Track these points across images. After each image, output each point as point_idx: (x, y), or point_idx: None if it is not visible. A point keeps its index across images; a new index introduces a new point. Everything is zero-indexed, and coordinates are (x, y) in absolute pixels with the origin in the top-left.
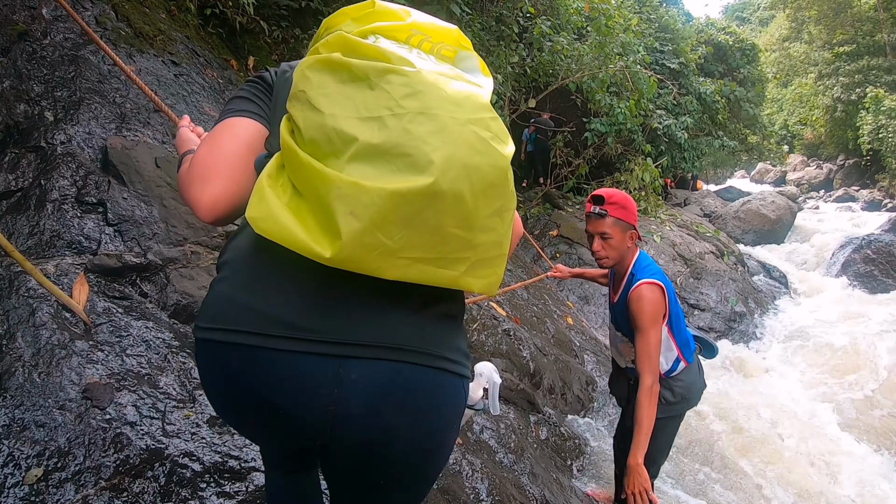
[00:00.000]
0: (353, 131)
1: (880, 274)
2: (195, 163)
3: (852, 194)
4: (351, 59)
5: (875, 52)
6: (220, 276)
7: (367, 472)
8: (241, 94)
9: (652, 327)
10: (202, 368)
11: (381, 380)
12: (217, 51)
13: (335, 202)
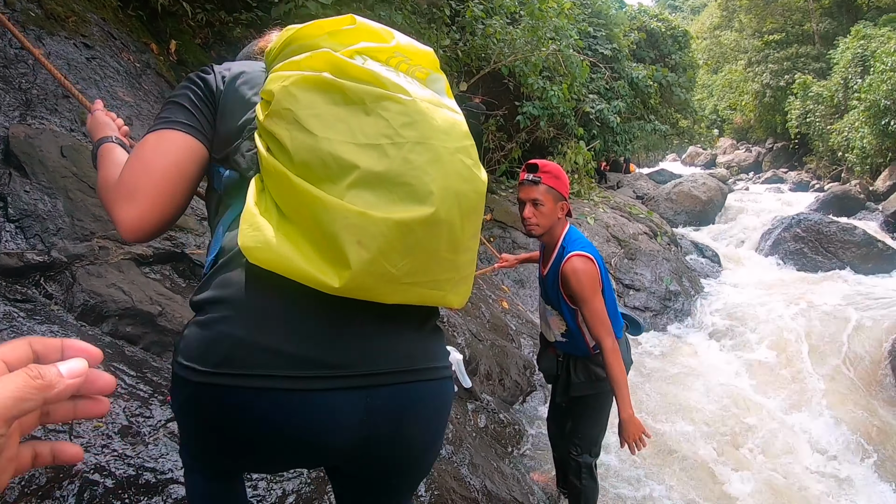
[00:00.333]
0: (352, 158)
1: (810, 251)
2: (122, 179)
3: (781, 176)
4: (344, 82)
5: (804, 41)
6: (215, 315)
7: (383, 475)
8: (177, 99)
9: (595, 295)
10: (198, 412)
11: (402, 400)
12: (136, 33)
13: (342, 232)
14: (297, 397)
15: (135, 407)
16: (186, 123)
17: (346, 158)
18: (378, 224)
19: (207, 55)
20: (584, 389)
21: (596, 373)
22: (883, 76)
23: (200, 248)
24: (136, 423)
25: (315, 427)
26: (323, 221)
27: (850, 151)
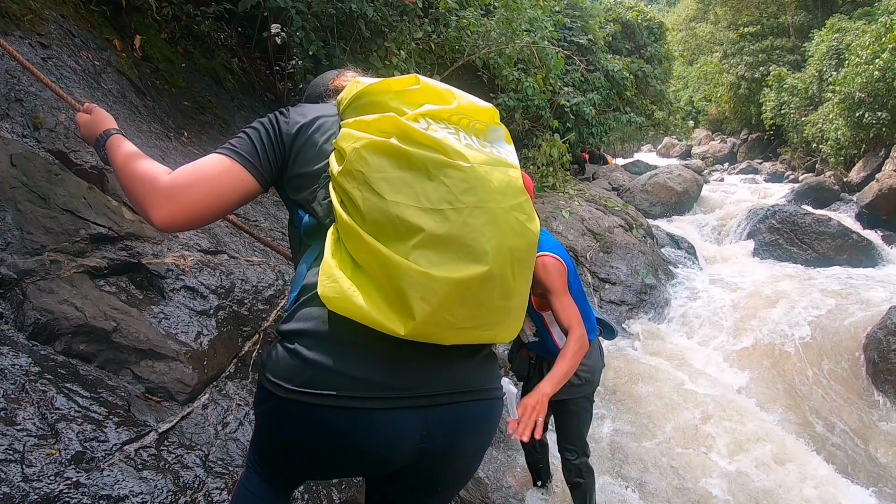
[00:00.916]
0: (417, 221)
1: (785, 242)
2: (176, 177)
3: (755, 167)
4: (410, 149)
5: (779, 33)
6: (300, 343)
7: (431, 482)
8: (250, 133)
9: (564, 290)
10: (280, 422)
11: (456, 417)
12: (99, 30)
13: (408, 289)
14: (367, 415)
15: (89, 430)
16: (247, 158)
17: (412, 222)
18: (439, 283)
19: (174, 51)
20: (563, 394)
21: (570, 380)
22: (858, 69)
23: (158, 257)
24: (90, 449)
25: (380, 440)
26: (391, 277)
27: (825, 143)
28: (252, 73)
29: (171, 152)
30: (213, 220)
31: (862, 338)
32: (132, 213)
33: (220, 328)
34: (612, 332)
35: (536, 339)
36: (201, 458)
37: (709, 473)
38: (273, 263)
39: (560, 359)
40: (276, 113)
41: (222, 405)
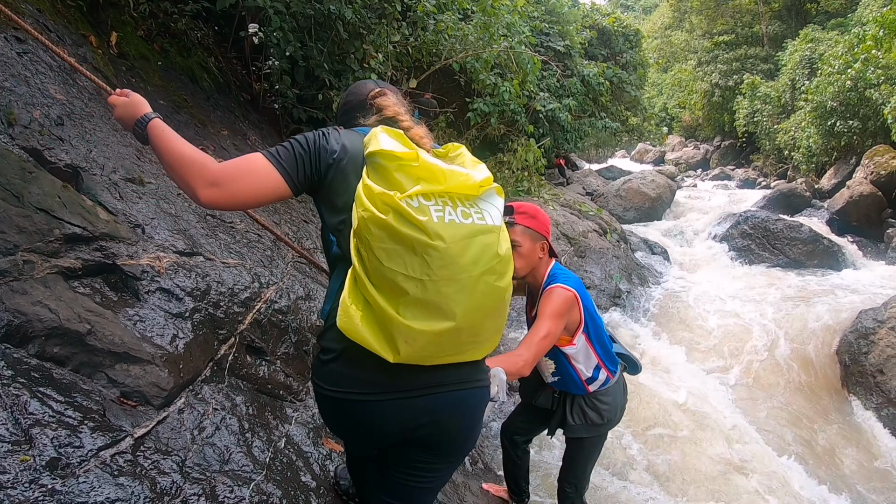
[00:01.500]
0: (404, 286)
1: (757, 248)
2: (225, 168)
3: (728, 173)
4: (401, 229)
5: (753, 42)
6: (330, 356)
7: (436, 448)
8: (294, 145)
9: (550, 319)
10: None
11: (442, 404)
12: (74, 25)
13: (396, 334)
14: (369, 404)
15: (63, 436)
16: (286, 169)
17: (400, 286)
18: (418, 333)
19: (150, 48)
20: (580, 432)
21: (591, 417)
22: (830, 78)
23: (133, 258)
24: (65, 455)
25: (378, 420)
26: (385, 323)
27: (797, 150)
28: (228, 73)
29: (147, 152)
30: (247, 209)
31: (833, 341)
32: (107, 213)
33: (196, 331)
34: (636, 367)
35: (557, 377)
36: (178, 463)
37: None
38: (249, 266)
39: (491, 359)
40: (320, 134)
41: (198, 409)
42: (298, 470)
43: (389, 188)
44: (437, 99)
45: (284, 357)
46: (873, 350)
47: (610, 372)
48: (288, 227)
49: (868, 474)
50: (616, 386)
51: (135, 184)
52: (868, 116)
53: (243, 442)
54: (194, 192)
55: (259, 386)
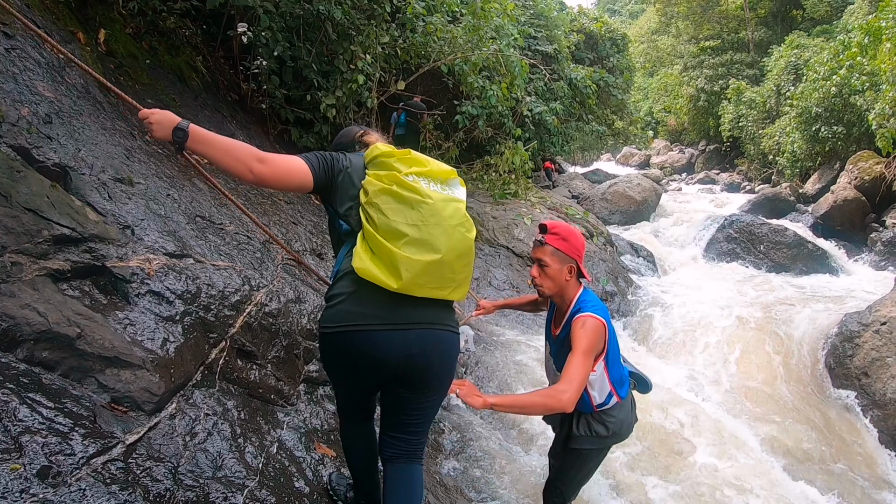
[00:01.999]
0: (405, 231)
1: (742, 251)
2: (269, 154)
3: (713, 177)
4: (402, 192)
5: (739, 48)
6: (338, 300)
7: (420, 383)
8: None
9: (588, 353)
10: (334, 349)
11: (425, 338)
12: (63, 21)
13: (399, 265)
14: (373, 334)
15: (54, 443)
16: (313, 165)
17: (402, 231)
18: (415, 263)
19: (138, 46)
20: (583, 443)
21: (596, 430)
22: (815, 84)
23: (122, 259)
24: (56, 463)
25: (380, 348)
26: (391, 258)
27: (781, 155)
28: (216, 73)
29: (136, 151)
30: (282, 188)
31: (818, 344)
32: (96, 214)
33: (187, 335)
34: (647, 385)
35: None
36: (171, 470)
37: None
38: (239, 268)
39: (533, 393)
40: (337, 153)
41: (190, 415)
42: (291, 475)
43: (387, 171)
44: (426, 101)
45: (275, 361)
46: (858, 353)
47: (619, 396)
48: (277, 228)
49: (853, 475)
50: (623, 405)
51: (124, 184)
52: (852, 122)
53: (236, 447)
54: (247, 168)
55: (250, 390)
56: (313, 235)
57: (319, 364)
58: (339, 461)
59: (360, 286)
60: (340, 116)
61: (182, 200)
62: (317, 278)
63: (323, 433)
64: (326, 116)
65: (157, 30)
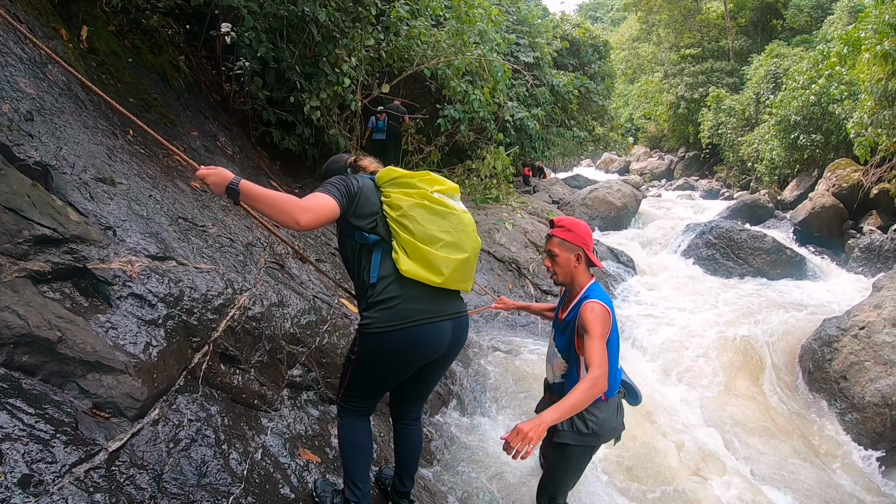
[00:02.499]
0: (440, 236)
1: (721, 257)
2: (308, 200)
3: (692, 184)
4: (433, 206)
5: (719, 56)
6: (392, 302)
7: (449, 361)
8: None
9: (602, 336)
10: (386, 348)
11: (460, 324)
12: (45, 17)
13: (439, 264)
14: (427, 326)
15: (35, 451)
16: (340, 200)
17: (438, 236)
18: (451, 261)
19: (121, 44)
20: (566, 438)
21: (577, 426)
22: (794, 93)
23: (104, 261)
24: (38, 471)
25: (436, 338)
26: (431, 260)
27: (760, 162)
28: (199, 73)
29: (118, 151)
30: (321, 226)
31: (797, 349)
32: (77, 214)
33: (170, 339)
34: (636, 397)
35: (563, 380)
36: (154, 477)
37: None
38: (222, 271)
39: (571, 392)
40: (348, 178)
41: (173, 420)
42: (276, 482)
43: (414, 189)
44: (408, 105)
45: (258, 365)
46: (837, 357)
47: (604, 395)
48: (260, 231)
49: (832, 478)
50: (607, 405)
51: (106, 184)
52: (831, 130)
53: (220, 454)
54: (295, 219)
55: (233, 395)
56: (295, 238)
57: (303, 369)
58: (324, 467)
59: (408, 287)
60: (324, 119)
61: (164, 202)
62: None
63: (307, 438)
64: (309, 118)
65: (139, 28)
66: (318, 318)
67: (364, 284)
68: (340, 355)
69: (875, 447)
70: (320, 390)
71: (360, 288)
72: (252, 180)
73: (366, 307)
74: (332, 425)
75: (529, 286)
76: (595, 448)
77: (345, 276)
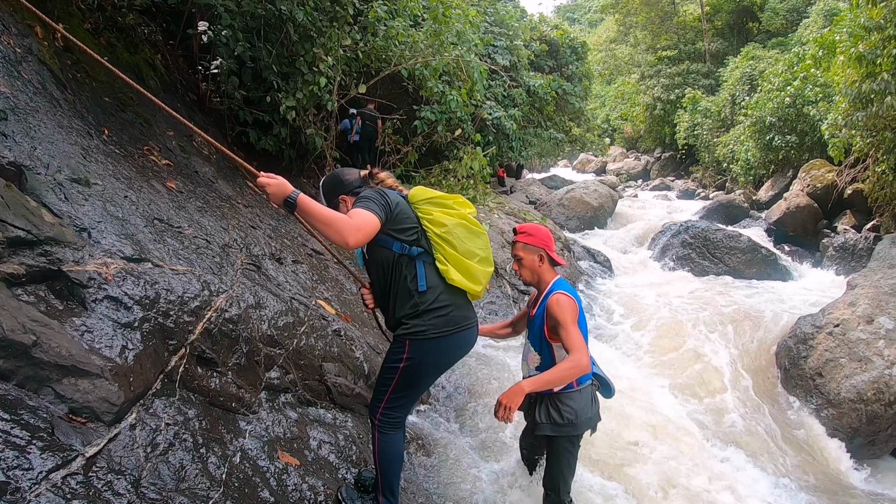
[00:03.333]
0: (477, 252)
1: (697, 257)
2: (356, 220)
3: (668, 184)
4: (471, 226)
5: (695, 58)
6: (444, 309)
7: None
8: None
9: (573, 324)
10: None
11: (475, 330)
12: (20, 14)
13: (479, 275)
14: (467, 331)
15: (11, 458)
16: (381, 216)
17: (475, 252)
18: (486, 273)
19: (97, 42)
20: (546, 430)
21: (553, 416)
22: (769, 94)
23: (79, 263)
24: (14, 478)
25: (471, 341)
26: (471, 272)
27: (735, 163)
28: (175, 72)
29: (93, 151)
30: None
31: (772, 346)
32: (52, 216)
33: (146, 342)
34: (609, 390)
35: (537, 373)
36: (132, 483)
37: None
38: (198, 273)
39: (553, 368)
40: (384, 193)
41: (150, 425)
42: (256, 486)
43: (454, 210)
44: (385, 105)
45: (236, 368)
46: (812, 354)
47: (576, 383)
48: (236, 232)
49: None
50: (580, 394)
51: (80, 184)
52: (805, 132)
53: (198, 458)
54: (345, 239)
55: (211, 398)
56: (272, 240)
57: (281, 371)
58: (303, 470)
59: (456, 296)
60: (300, 119)
61: (140, 202)
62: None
63: (286, 441)
64: (286, 118)
65: (115, 26)
66: (295, 320)
67: (408, 292)
68: (318, 357)
69: (851, 441)
70: (298, 392)
71: (401, 295)
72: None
73: (415, 314)
74: (311, 427)
75: (507, 286)
76: (577, 438)
77: (322, 278)
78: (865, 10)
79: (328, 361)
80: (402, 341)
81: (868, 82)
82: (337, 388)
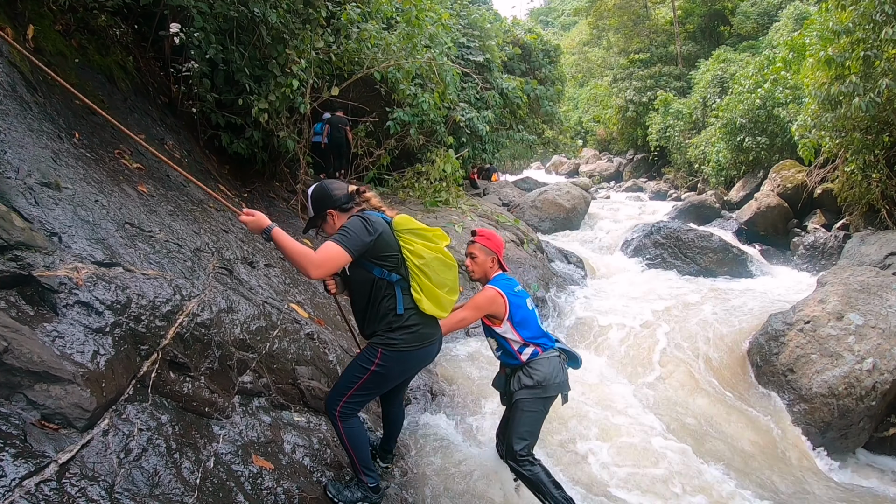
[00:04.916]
0: (447, 282)
1: (670, 257)
2: (321, 255)
3: (640, 185)
4: (446, 259)
5: (667, 61)
6: (414, 328)
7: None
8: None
9: (468, 309)
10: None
11: (438, 345)
12: None
13: (445, 303)
14: (430, 347)
15: None
16: (352, 250)
17: (446, 283)
18: (451, 301)
19: (68, 44)
20: (520, 395)
21: (524, 382)
22: (740, 97)
23: (49, 268)
24: None
25: (431, 356)
26: (439, 300)
27: (707, 164)
28: (147, 74)
29: (64, 155)
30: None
31: (743, 344)
32: (22, 220)
33: (118, 347)
34: (576, 361)
35: (500, 352)
36: (106, 489)
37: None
38: (169, 277)
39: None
40: (365, 221)
41: (123, 430)
42: (230, 490)
43: (433, 244)
44: (358, 108)
45: (208, 373)
46: (784, 351)
47: (539, 346)
48: (208, 236)
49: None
50: (548, 361)
51: (51, 188)
52: (776, 133)
53: (172, 463)
54: (308, 272)
55: (184, 403)
56: (244, 243)
57: (253, 375)
58: (278, 473)
59: (424, 316)
60: (272, 122)
61: (111, 206)
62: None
63: (259, 445)
64: (258, 121)
65: (87, 28)
66: (267, 324)
67: (387, 311)
68: (291, 360)
69: (824, 436)
70: (271, 396)
71: (378, 312)
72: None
73: (390, 330)
74: (284, 431)
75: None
76: (547, 400)
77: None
78: (835, 14)
79: (301, 365)
80: (376, 348)
81: (837, 84)
82: (310, 391)
